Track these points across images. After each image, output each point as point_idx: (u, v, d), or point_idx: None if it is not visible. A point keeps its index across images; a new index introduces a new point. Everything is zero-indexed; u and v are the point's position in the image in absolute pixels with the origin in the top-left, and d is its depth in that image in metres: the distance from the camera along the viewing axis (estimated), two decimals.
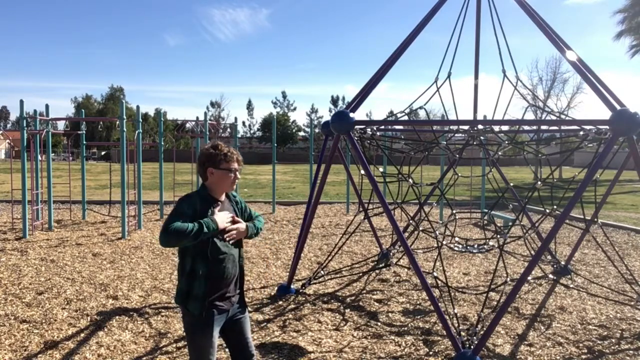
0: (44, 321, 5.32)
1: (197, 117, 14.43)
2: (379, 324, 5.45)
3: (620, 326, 5.43)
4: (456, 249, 6.88)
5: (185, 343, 3.96)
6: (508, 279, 5.52)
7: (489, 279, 7.08)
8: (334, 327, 5.32)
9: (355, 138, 5.46)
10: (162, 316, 5.54)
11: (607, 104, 4.84)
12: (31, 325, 5.22)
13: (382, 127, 6.69)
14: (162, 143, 13.13)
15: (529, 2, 5.97)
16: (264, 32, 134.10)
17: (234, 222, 3.13)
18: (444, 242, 6.36)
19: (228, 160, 3.11)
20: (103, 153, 69.47)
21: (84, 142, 12.61)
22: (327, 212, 14.35)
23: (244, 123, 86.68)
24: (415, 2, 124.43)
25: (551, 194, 6.44)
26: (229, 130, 61.86)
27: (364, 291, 6.61)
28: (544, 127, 7.21)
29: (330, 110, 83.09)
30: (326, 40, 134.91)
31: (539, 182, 5.73)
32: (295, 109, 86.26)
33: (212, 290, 3.02)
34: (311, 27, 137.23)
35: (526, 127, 6.89)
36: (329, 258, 7.28)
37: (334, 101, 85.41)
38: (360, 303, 6.14)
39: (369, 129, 5.83)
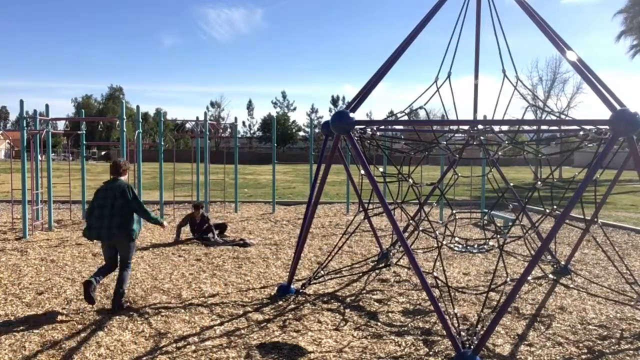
0: (44, 321, 5.33)
1: (197, 117, 14.43)
2: (379, 324, 5.45)
3: (620, 326, 5.43)
4: (456, 249, 6.88)
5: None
6: (508, 279, 5.52)
7: (489, 279, 7.08)
8: (334, 327, 5.32)
9: (355, 138, 5.46)
10: (162, 316, 5.54)
11: (607, 104, 4.84)
12: (31, 325, 5.23)
13: (382, 127, 6.69)
14: (162, 143, 13.13)
15: (529, 2, 5.97)
16: (260, 32, 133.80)
17: None
18: (444, 242, 6.36)
19: None
20: (103, 153, 69.43)
21: (84, 142, 12.61)
22: (327, 212, 14.35)
23: (244, 123, 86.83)
24: (415, 2, 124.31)
25: (551, 194, 6.44)
26: (229, 130, 61.87)
27: (364, 291, 6.61)
28: (544, 127, 7.21)
29: (330, 110, 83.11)
30: (326, 40, 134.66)
31: (539, 182, 5.73)
32: (295, 109, 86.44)
33: None
34: (310, 27, 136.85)
35: (526, 127, 6.88)
36: (329, 258, 7.28)
37: (334, 101, 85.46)
38: (360, 303, 6.14)
39: (369, 129, 5.83)
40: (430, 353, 4.71)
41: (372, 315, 5.72)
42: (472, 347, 4.52)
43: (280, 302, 6.08)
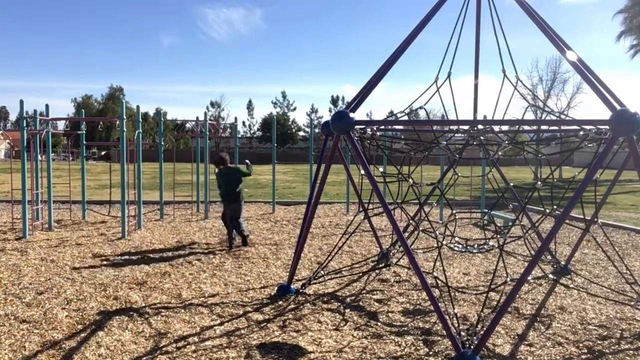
0: (44, 321, 5.32)
1: (197, 117, 14.43)
2: (379, 324, 5.45)
3: (620, 326, 5.43)
4: (456, 249, 6.88)
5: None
6: (508, 279, 5.52)
7: (489, 279, 7.08)
8: (334, 327, 5.32)
9: (355, 138, 5.46)
10: (162, 316, 5.54)
11: (607, 104, 4.84)
12: (31, 325, 5.23)
13: (382, 127, 6.69)
14: (162, 143, 13.14)
15: (529, 2, 5.97)
16: (260, 32, 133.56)
17: None
18: (444, 242, 6.36)
19: None
20: (103, 153, 69.41)
21: (84, 142, 12.62)
22: (327, 212, 14.35)
23: (244, 123, 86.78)
24: (415, 2, 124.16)
25: (551, 194, 6.44)
26: (229, 130, 61.89)
27: (364, 291, 6.61)
28: (544, 127, 7.21)
29: (330, 110, 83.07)
30: (326, 40, 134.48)
31: (539, 182, 5.73)
32: (295, 109, 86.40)
33: None
34: (310, 27, 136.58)
35: (526, 127, 6.88)
36: (329, 258, 7.28)
37: (334, 101, 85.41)
38: (360, 303, 6.14)
39: (369, 129, 5.83)
40: (430, 353, 4.71)
41: (372, 315, 5.72)
42: (472, 347, 4.52)
43: (280, 302, 6.09)
